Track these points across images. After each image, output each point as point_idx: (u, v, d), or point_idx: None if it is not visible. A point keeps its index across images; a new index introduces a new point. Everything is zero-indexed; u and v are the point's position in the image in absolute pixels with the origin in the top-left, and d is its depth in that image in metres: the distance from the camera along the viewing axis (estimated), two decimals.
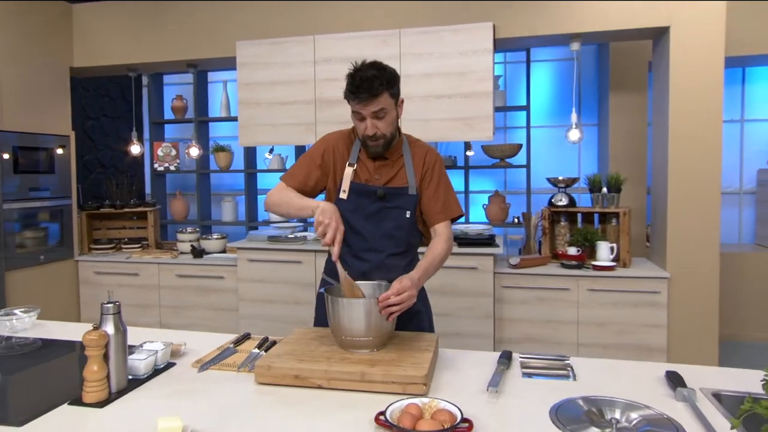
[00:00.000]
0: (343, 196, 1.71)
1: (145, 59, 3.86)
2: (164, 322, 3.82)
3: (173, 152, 4.75)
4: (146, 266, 3.87)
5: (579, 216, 3.69)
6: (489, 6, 3.29)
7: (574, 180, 3.64)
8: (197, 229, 4.17)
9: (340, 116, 3.48)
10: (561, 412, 1.17)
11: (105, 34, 3.92)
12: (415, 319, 1.74)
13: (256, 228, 4.84)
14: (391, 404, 1.13)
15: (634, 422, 1.11)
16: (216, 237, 4.12)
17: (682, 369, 1.37)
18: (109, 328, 1.29)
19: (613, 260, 3.36)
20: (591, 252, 3.43)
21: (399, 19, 3.40)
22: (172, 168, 4.75)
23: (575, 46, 3.34)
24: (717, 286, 3.18)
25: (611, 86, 4.21)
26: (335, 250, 1.52)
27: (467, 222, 4.50)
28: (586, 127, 4.64)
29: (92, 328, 1.26)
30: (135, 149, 4.24)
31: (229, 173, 4.72)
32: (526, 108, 4.07)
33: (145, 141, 5.15)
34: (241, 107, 3.63)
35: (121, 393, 1.29)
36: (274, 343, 1.63)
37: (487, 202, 4.28)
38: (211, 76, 4.87)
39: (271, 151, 4.34)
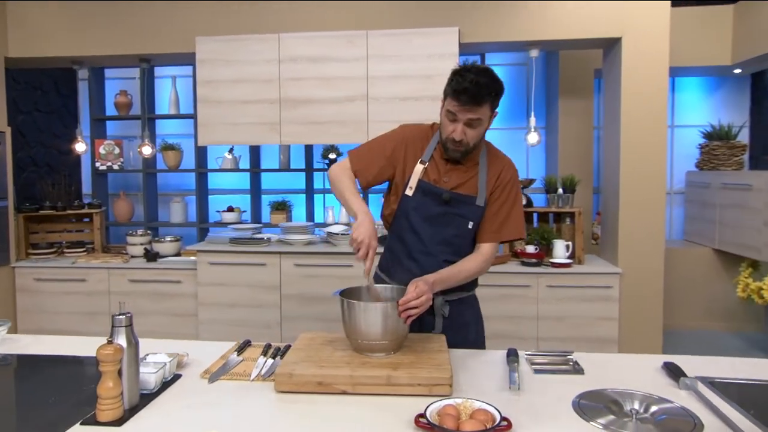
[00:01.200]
0: (409, 192, 1.66)
1: (93, 52, 3.63)
2: None
3: (116, 150, 4.50)
4: (95, 271, 3.65)
5: (534, 216, 3.86)
6: (454, 11, 3.36)
7: (531, 181, 3.80)
8: (149, 232, 3.98)
9: (307, 116, 3.44)
10: (583, 405, 1.24)
11: (46, 23, 3.65)
12: (462, 330, 1.74)
13: (207, 230, 4.68)
14: (428, 406, 1.15)
15: (652, 412, 1.19)
16: (170, 239, 3.95)
17: (675, 360, 1.48)
18: (122, 341, 1.22)
19: (568, 258, 3.54)
20: (547, 250, 3.59)
21: (366, 21, 3.41)
22: (115, 167, 4.49)
23: (534, 52, 3.49)
24: (662, 280, 3.43)
25: (561, 92, 4.42)
26: (367, 265, 1.50)
27: None
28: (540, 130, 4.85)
29: (106, 341, 1.19)
30: (80, 147, 3.98)
31: (178, 173, 4.54)
32: None
33: (85, 138, 4.83)
34: (201, 105, 3.51)
35: (134, 410, 1.22)
36: (278, 349, 1.59)
37: None
38: (158, 71, 4.65)
39: (230, 150, 4.21)
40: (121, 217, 4.58)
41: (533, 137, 3.58)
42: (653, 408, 1.20)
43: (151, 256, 3.73)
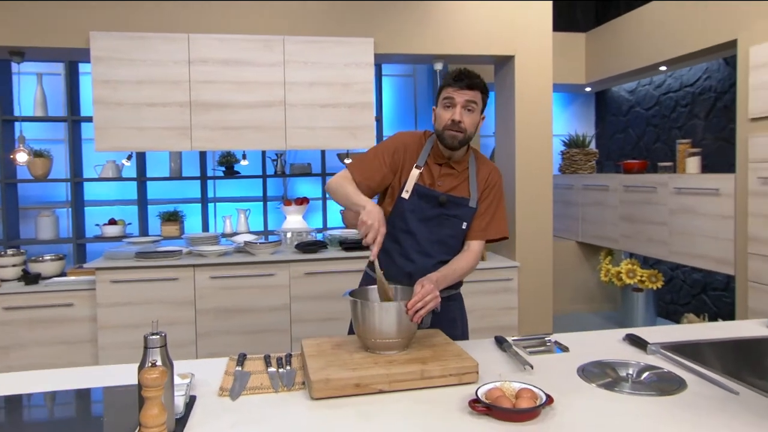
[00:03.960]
0: (405, 195, 1.74)
1: None
2: None
3: None
4: None
5: None
6: (369, 23, 3.48)
7: None
8: (23, 251, 3.46)
9: (220, 121, 3.29)
10: (585, 373, 1.43)
11: None
12: (450, 325, 1.82)
13: (84, 246, 4.21)
14: (477, 389, 1.24)
15: (644, 376, 1.42)
16: (51, 258, 3.48)
17: (633, 332, 1.75)
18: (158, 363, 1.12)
19: None
20: None
21: (283, 26, 3.37)
22: None
23: (438, 65, 3.75)
24: (551, 271, 3.90)
25: None
26: (374, 250, 1.54)
27: (326, 228, 4.61)
28: None
29: (150, 364, 1.08)
30: None
31: (42, 183, 4.00)
32: (379, 119, 4.38)
33: None
34: (97, 107, 3.16)
35: None
36: (280, 359, 1.56)
37: (342, 208, 4.45)
38: (16, 66, 4.05)
39: (129, 157, 3.83)
40: None
41: None
42: (645, 373, 1.43)
43: (31, 278, 3.25)
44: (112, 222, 4.15)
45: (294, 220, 4.30)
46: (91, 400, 1.37)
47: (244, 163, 4.29)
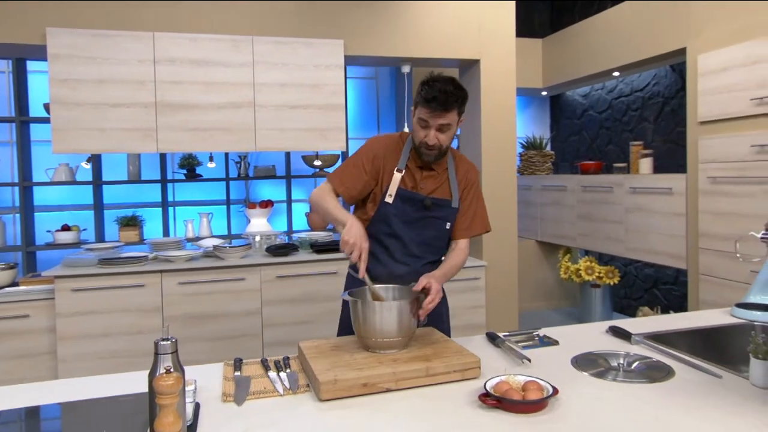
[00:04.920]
0: (389, 200, 1.76)
1: None
2: None
3: None
4: None
5: None
6: (339, 25, 3.48)
7: None
8: None
9: (187, 122, 3.21)
10: (579, 363, 1.50)
11: None
12: (438, 320, 1.85)
13: (34, 254, 4.00)
14: (485, 383, 1.27)
15: (634, 365, 1.49)
16: (2, 267, 3.27)
17: (615, 323, 1.83)
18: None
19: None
20: None
21: (251, 26, 3.32)
22: None
23: (406, 68, 3.79)
24: (516, 269, 4.01)
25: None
26: (362, 267, 1.57)
27: (291, 231, 4.56)
28: None
29: (165, 371, 1.05)
30: None
31: None
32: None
33: None
34: (55, 107, 3.01)
35: None
36: (277, 362, 1.54)
37: (308, 210, 4.43)
38: None
39: (89, 160, 3.66)
40: None
41: None
42: (635, 363, 1.50)
43: None
44: (66, 228, 3.95)
45: (258, 224, 4.23)
46: (42, 417, 1.31)
47: (211, 165, 4.18)
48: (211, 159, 4.16)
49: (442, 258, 1.87)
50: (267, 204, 4.30)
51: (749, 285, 3.05)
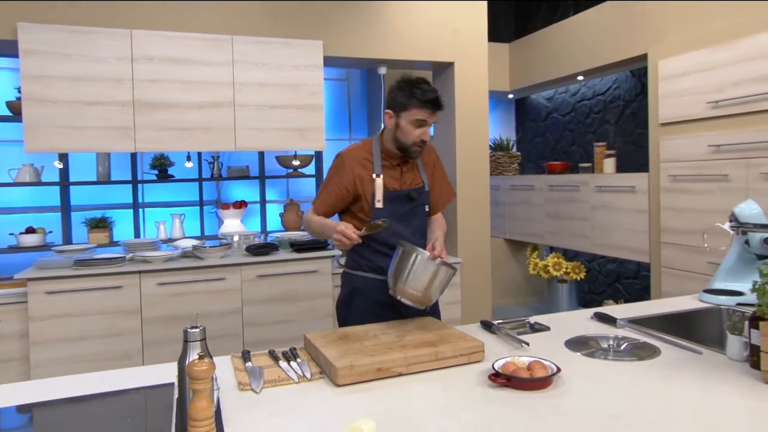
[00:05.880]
0: (379, 205, 1.88)
1: None
2: None
3: None
4: None
5: None
6: (318, 26, 3.51)
7: None
8: None
9: (165, 121, 3.17)
10: (573, 346, 1.59)
11: None
12: (433, 307, 2.01)
13: None
14: (493, 364, 1.35)
15: (623, 346, 1.60)
16: None
17: (600, 310, 1.95)
18: (196, 357, 1.11)
19: None
20: None
21: (231, 25, 3.31)
22: None
23: (382, 70, 3.86)
24: (489, 266, 4.14)
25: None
26: (355, 237, 1.74)
27: (266, 231, 4.55)
28: (356, 141, 5.25)
29: (197, 357, 1.07)
30: None
31: None
32: None
33: None
34: (27, 105, 2.92)
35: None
36: (293, 349, 1.57)
37: (282, 210, 4.43)
38: None
39: (61, 159, 3.55)
40: None
41: None
42: (623, 344, 1.61)
43: None
44: (30, 230, 3.82)
45: (232, 224, 4.21)
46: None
47: (188, 165, 4.13)
48: (188, 159, 4.12)
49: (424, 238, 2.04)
50: (241, 204, 4.28)
51: (707, 275, 3.26)
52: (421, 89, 1.81)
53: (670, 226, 3.57)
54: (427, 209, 2.01)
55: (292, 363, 1.50)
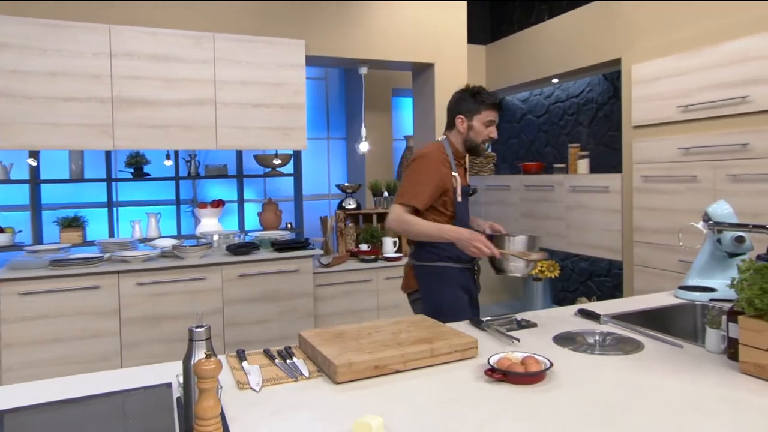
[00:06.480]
0: (459, 199, 2.13)
1: None
2: None
3: None
4: None
5: (360, 217, 4.25)
6: (301, 25, 3.51)
7: (359, 186, 4.18)
8: None
9: (146, 118, 3.13)
10: (561, 342, 1.65)
11: None
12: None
13: None
14: (489, 359, 1.39)
15: (608, 341, 1.67)
16: None
17: (584, 307, 2.01)
18: (202, 356, 1.11)
19: (396, 252, 4.03)
20: (379, 247, 4.02)
21: (213, 23, 3.28)
22: None
23: (363, 69, 3.88)
24: None
25: (366, 107, 4.92)
26: (495, 252, 1.93)
27: (244, 231, 4.52)
28: (334, 140, 5.26)
29: (204, 356, 1.08)
30: None
31: None
32: None
33: None
34: (1, 100, 2.84)
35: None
36: (288, 348, 1.58)
37: (260, 210, 4.41)
38: None
39: (32, 156, 3.45)
40: None
41: (364, 146, 3.96)
42: (608, 339, 1.68)
43: None
44: None
45: (209, 224, 4.17)
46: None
47: (167, 163, 4.07)
48: (168, 157, 4.05)
49: None
50: (218, 204, 4.24)
51: (678, 273, 3.39)
52: (489, 94, 2.17)
53: (642, 226, 3.70)
54: None
55: (288, 362, 1.50)
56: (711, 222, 2.07)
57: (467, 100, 2.17)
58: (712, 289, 2.14)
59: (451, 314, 2.06)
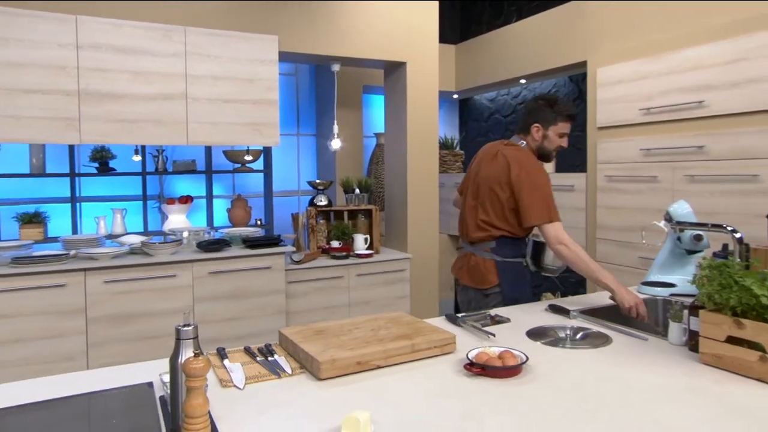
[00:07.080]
0: None
1: None
2: None
3: None
4: None
5: (332, 214, 4.25)
6: (274, 21, 3.48)
7: (331, 183, 4.18)
8: None
9: (114, 113, 3.06)
10: (534, 336, 1.71)
11: None
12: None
13: None
14: (468, 353, 1.44)
15: (578, 335, 1.74)
16: None
17: (554, 302, 2.09)
18: (190, 355, 1.12)
19: (367, 249, 4.06)
20: (351, 244, 4.04)
21: (184, 16, 3.22)
22: None
23: (336, 66, 3.88)
24: (437, 261, 4.27)
25: (338, 104, 4.92)
26: (645, 316, 1.96)
27: (213, 227, 4.46)
28: (304, 137, 5.24)
29: (193, 355, 1.08)
30: None
31: None
32: None
33: None
34: None
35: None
36: (269, 345, 1.59)
37: (229, 206, 4.37)
38: None
39: None
40: None
41: (336, 143, 3.97)
42: (579, 333, 1.75)
43: None
44: None
45: (177, 220, 4.10)
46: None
47: (136, 158, 3.97)
48: (137, 152, 3.96)
49: None
50: (186, 199, 4.17)
51: (639, 269, 3.53)
52: (566, 106, 2.24)
53: (605, 223, 3.83)
54: None
55: (270, 359, 1.52)
56: (673, 221, 2.17)
57: (544, 110, 2.23)
58: (672, 285, 2.25)
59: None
